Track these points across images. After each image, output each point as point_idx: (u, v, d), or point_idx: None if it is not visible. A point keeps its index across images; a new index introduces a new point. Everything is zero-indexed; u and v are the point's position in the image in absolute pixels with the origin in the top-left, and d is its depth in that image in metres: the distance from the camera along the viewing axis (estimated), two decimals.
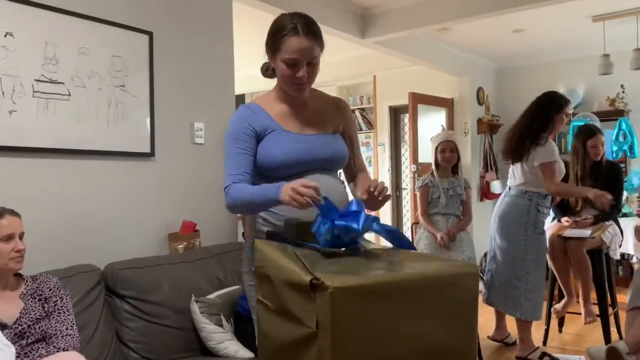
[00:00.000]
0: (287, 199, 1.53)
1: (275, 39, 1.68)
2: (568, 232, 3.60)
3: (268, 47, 1.72)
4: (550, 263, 3.67)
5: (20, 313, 1.83)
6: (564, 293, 3.74)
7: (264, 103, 1.79)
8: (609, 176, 3.67)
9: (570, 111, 3.52)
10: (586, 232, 3.54)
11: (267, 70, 1.80)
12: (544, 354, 3.45)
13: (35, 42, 2.26)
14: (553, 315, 3.84)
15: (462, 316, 1.41)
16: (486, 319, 3.98)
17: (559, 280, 3.72)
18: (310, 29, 1.67)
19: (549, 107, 3.38)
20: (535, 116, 3.39)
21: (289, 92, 1.75)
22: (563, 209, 3.84)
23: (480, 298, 3.67)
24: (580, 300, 3.66)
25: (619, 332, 3.75)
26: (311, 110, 1.82)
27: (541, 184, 3.36)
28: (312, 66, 1.70)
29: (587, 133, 3.76)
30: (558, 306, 3.81)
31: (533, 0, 3.79)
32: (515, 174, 3.50)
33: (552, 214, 3.86)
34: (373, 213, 1.86)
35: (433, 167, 3.78)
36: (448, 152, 3.67)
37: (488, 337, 3.85)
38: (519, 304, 3.40)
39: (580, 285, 3.63)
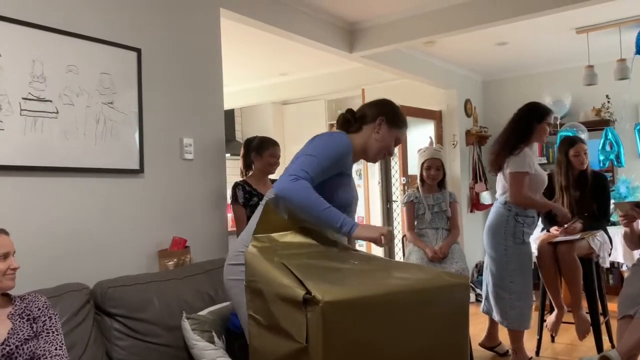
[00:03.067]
0: (368, 236, 1.85)
1: (400, 121, 2.16)
2: (558, 237, 3.61)
3: (390, 120, 2.12)
4: (540, 272, 3.67)
5: (9, 333, 1.80)
6: (554, 305, 3.72)
7: (353, 146, 2.06)
8: (595, 186, 3.70)
9: (552, 121, 3.53)
10: (576, 235, 3.56)
11: (351, 124, 2.13)
12: None
13: (22, 60, 2.26)
14: (546, 329, 3.82)
15: (453, 327, 1.41)
16: (480, 328, 3.98)
17: (547, 291, 3.72)
18: None
19: (531, 117, 3.39)
20: (517, 127, 3.40)
21: (373, 157, 2.16)
22: (550, 219, 3.86)
23: (480, 308, 3.71)
24: (573, 309, 3.65)
25: (611, 340, 3.75)
26: None
27: None
28: None
29: (568, 143, 3.80)
30: (550, 321, 3.78)
31: (515, 13, 3.83)
32: (498, 184, 3.53)
33: (540, 224, 3.88)
34: None
35: (418, 182, 3.77)
36: (434, 170, 3.67)
37: (479, 344, 3.85)
38: (506, 313, 3.41)
39: (570, 293, 3.63)
